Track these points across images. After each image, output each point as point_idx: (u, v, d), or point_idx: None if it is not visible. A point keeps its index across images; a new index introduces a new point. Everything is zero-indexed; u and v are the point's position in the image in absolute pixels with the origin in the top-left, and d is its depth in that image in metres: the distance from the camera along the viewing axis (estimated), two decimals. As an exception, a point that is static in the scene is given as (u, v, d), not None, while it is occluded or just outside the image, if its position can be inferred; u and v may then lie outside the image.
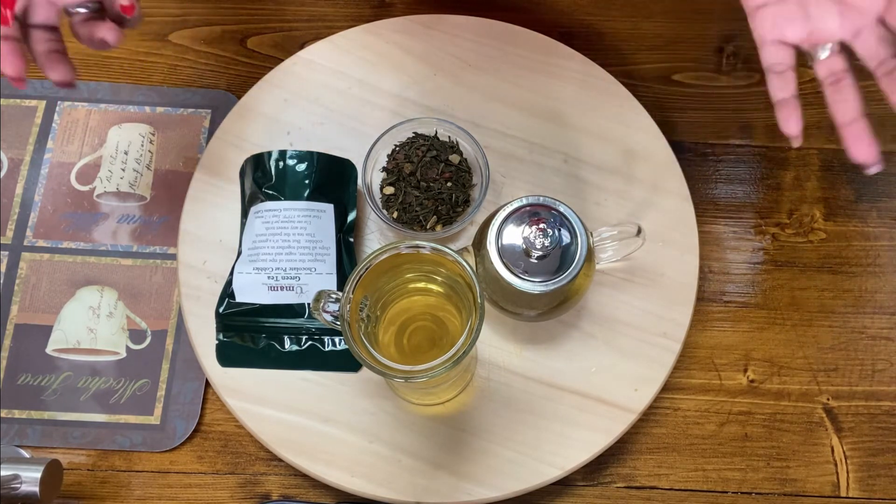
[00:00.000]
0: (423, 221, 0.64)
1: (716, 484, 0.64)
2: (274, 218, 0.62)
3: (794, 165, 0.73)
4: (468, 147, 0.65)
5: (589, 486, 0.64)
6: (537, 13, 0.77)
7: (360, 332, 0.51)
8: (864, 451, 0.65)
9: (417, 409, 0.62)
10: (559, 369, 0.62)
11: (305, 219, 0.62)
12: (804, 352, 0.67)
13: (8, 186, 0.71)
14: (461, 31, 0.72)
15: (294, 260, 0.62)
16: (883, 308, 0.69)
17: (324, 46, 0.71)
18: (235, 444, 0.64)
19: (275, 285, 0.61)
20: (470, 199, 0.66)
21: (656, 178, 0.67)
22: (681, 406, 0.66)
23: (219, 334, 0.63)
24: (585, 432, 0.61)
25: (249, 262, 0.62)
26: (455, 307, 0.55)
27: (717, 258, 0.70)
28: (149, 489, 0.63)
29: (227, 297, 0.62)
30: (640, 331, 0.63)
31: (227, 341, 0.62)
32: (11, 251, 0.69)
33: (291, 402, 0.61)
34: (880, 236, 0.71)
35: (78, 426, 0.64)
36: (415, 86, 0.70)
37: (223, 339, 0.63)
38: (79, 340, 0.66)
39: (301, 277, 0.62)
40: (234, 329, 0.62)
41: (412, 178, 0.64)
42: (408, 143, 0.66)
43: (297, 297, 0.62)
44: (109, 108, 0.73)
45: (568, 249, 0.55)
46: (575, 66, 0.71)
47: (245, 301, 0.62)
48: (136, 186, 0.71)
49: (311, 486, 0.63)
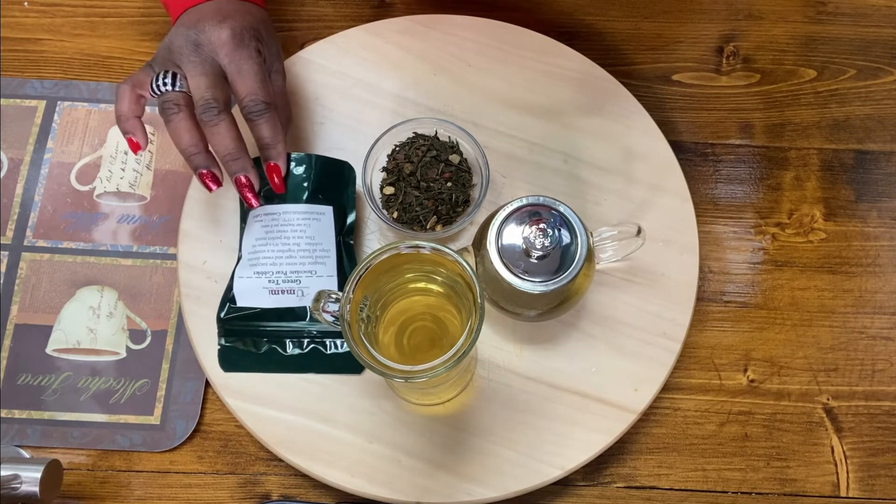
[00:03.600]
0: (423, 221, 0.64)
1: (716, 484, 0.64)
2: (273, 221, 0.62)
3: (794, 165, 0.73)
4: (468, 147, 0.65)
5: (589, 486, 0.64)
6: (537, 13, 0.77)
7: (360, 333, 0.51)
8: (864, 451, 0.65)
9: (417, 409, 0.62)
10: (559, 369, 0.62)
11: (305, 221, 0.62)
12: (804, 352, 0.67)
13: (8, 186, 0.71)
14: (461, 31, 0.72)
15: (294, 263, 0.61)
16: (883, 308, 0.69)
17: (324, 46, 0.71)
18: (235, 444, 0.64)
19: (276, 289, 0.61)
20: (470, 199, 0.66)
21: (656, 178, 0.67)
22: (681, 406, 0.66)
23: (220, 339, 0.62)
24: (585, 432, 0.61)
25: (250, 266, 0.62)
26: (455, 307, 0.55)
27: (717, 258, 0.70)
28: (149, 489, 0.63)
29: (228, 301, 0.62)
30: (640, 331, 0.63)
31: (229, 346, 0.62)
32: (11, 251, 0.69)
33: (291, 402, 0.61)
34: (880, 236, 0.71)
35: (78, 426, 0.64)
36: (415, 86, 0.70)
37: (225, 344, 0.62)
38: (79, 340, 0.66)
39: (302, 280, 0.61)
40: (235, 334, 0.62)
41: (412, 179, 0.64)
42: (408, 143, 0.66)
43: (299, 300, 0.61)
44: (109, 108, 0.73)
45: (568, 249, 0.55)
46: (575, 66, 0.71)
47: (246, 305, 0.62)
48: (136, 186, 0.71)
49: (311, 486, 0.63)
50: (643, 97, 0.70)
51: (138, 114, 0.58)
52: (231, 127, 0.56)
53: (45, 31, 0.76)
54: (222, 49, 0.57)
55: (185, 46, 0.57)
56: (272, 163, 0.59)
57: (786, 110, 0.75)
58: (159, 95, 0.57)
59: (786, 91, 0.75)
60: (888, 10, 0.78)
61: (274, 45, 0.62)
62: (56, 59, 0.75)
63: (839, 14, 0.78)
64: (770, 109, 0.75)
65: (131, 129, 0.58)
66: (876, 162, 0.73)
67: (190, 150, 0.57)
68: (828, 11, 0.78)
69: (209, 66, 0.57)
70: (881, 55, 0.77)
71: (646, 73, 0.76)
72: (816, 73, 0.76)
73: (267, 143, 0.58)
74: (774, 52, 0.77)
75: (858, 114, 0.74)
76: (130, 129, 0.58)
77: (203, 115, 0.56)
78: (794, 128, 0.74)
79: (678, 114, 0.74)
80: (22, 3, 0.77)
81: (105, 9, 0.77)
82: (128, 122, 0.58)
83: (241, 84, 0.57)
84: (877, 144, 0.74)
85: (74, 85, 0.74)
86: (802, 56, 0.77)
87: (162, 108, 0.57)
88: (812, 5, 0.78)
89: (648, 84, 0.75)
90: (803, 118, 0.74)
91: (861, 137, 0.74)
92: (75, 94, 0.73)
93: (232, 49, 0.57)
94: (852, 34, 0.77)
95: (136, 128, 0.58)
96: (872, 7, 0.78)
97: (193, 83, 0.56)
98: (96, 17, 0.77)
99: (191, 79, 0.56)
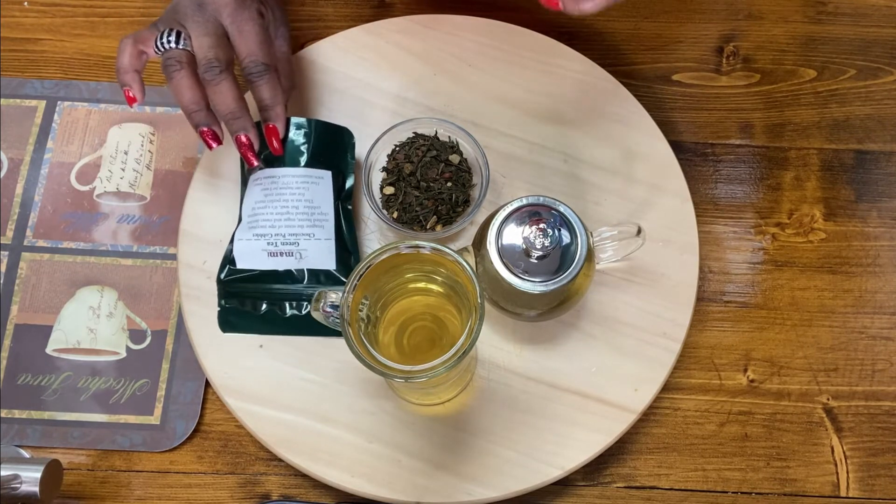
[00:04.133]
0: (423, 221, 0.64)
1: (716, 484, 0.64)
2: (272, 184, 0.63)
3: (794, 165, 0.73)
4: (468, 147, 0.65)
5: (589, 486, 0.64)
6: (537, 13, 0.77)
7: (360, 332, 0.51)
8: (864, 451, 0.65)
9: (417, 409, 0.62)
10: (559, 369, 0.62)
11: (303, 185, 0.63)
12: (804, 352, 0.67)
13: (8, 186, 0.71)
14: (461, 31, 0.72)
15: (293, 226, 0.62)
16: (883, 308, 0.69)
17: (324, 46, 0.71)
18: (235, 444, 0.64)
19: (274, 251, 0.62)
20: (470, 199, 0.66)
21: (656, 178, 0.67)
22: (681, 406, 0.66)
23: (220, 301, 0.63)
24: (585, 432, 0.61)
25: (249, 228, 0.62)
26: (455, 307, 0.55)
27: (717, 258, 0.70)
28: (149, 489, 0.63)
29: (228, 263, 0.63)
30: (640, 331, 0.63)
31: (228, 307, 0.63)
32: (11, 251, 0.69)
33: (291, 402, 0.61)
34: (880, 236, 0.71)
35: (78, 426, 0.64)
36: (415, 86, 0.70)
37: (225, 306, 0.63)
38: (79, 340, 0.66)
39: (300, 243, 0.62)
40: (235, 295, 0.63)
41: (412, 179, 0.64)
42: (408, 143, 0.66)
43: (297, 262, 0.62)
44: (109, 108, 0.73)
45: (568, 249, 0.55)
46: (575, 66, 0.71)
47: (245, 267, 0.62)
48: (136, 186, 0.71)
49: (311, 486, 0.63)
50: (643, 97, 0.70)
51: (138, 68, 0.59)
52: (232, 86, 0.57)
53: (45, 31, 0.76)
54: (225, 10, 0.58)
55: (189, 7, 0.58)
56: (271, 124, 0.60)
57: (786, 110, 0.75)
58: (163, 52, 0.58)
59: (786, 91, 0.75)
60: (888, 10, 0.78)
61: (279, 11, 0.63)
62: (56, 59, 0.75)
63: (839, 14, 0.78)
64: (770, 109, 0.75)
65: (129, 81, 0.59)
66: (876, 162, 0.73)
67: (191, 107, 0.58)
68: (828, 11, 0.78)
69: (212, 27, 0.58)
70: (881, 55, 0.77)
71: (646, 73, 0.76)
72: (816, 73, 0.76)
73: (266, 105, 0.59)
74: (774, 52, 0.77)
75: (858, 114, 0.74)
76: (129, 82, 0.59)
77: (205, 73, 0.57)
78: (794, 128, 0.74)
79: (678, 114, 0.74)
80: (22, 3, 0.77)
81: (105, 9, 0.77)
82: (126, 75, 0.59)
83: (242, 45, 0.58)
84: (877, 144, 0.74)
85: (74, 85, 0.74)
86: (802, 56, 0.77)
87: (165, 65, 0.58)
88: (812, 5, 0.78)
89: (648, 84, 0.75)
90: (803, 118, 0.74)
91: (861, 137, 0.74)
92: (75, 94, 0.73)
93: (234, 10, 0.58)
94: (852, 34, 0.77)
95: (135, 81, 0.59)
96: (872, 7, 0.78)
97: (196, 43, 0.57)
98: (96, 17, 0.77)
99: (194, 38, 0.57)
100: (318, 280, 0.62)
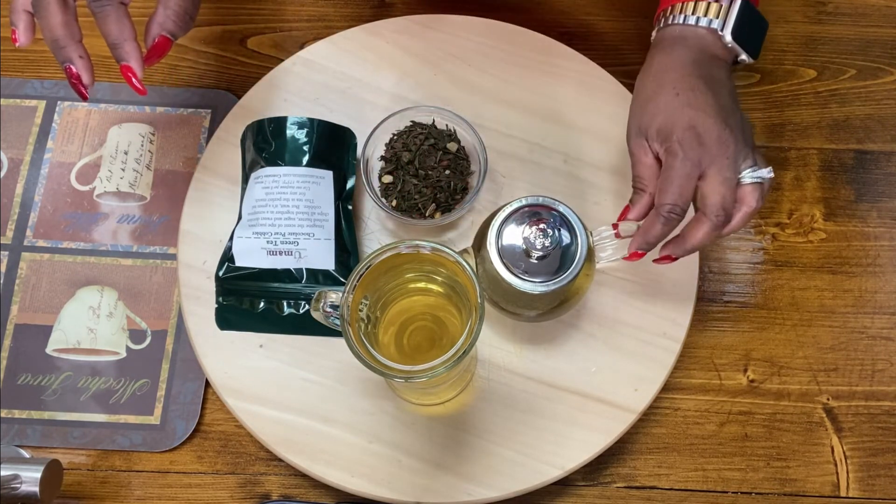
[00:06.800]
0: (421, 209, 0.64)
1: (716, 484, 0.64)
2: (273, 183, 0.63)
3: (794, 165, 0.73)
4: (465, 135, 0.65)
5: (589, 486, 0.64)
6: (537, 13, 0.77)
7: (360, 333, 0.51)
8: (864, 451, 0.65)
9: (417, 409, 0.62)
10: (559, 369, 0.62)
11: (304, 184, 0.63)
12: (804, 352, 0.67)
13: (8, 186, 0.71)
14: (461, 31, 0.72)
15: (293, 225, 0.62)
16: (883, 308, 0.69)
17: (324, 46, 0.71)
18: (235, 444, 0.64)
19: (274, 250, 0.62)
20: (468, 186, 0.66)
21: (656, 178, 0.67)
22: (681, 406, 0.66)
23: (218, 298, 0.63)
24: (585, 432, 0.61)
25: (249, 226, 0.63)
26: (455, 307, 0.55)
27: (717, 258, 0.70)
28: (149, 489, 0.63)
29: (227, 260, 0.63)
30: (640, 331, 0.63)
31: (226, 305, 0.63)
32: (11, 251, 0.69)
33: (291, 402, 0.61)
34: (880, 236, 0.71)
35: (78, 426, 0.64)
36: (415, 86, 0.70)
37: (222, 303, 0.63)
38: (79, 340, 0.66)
39: (300, 242, 0.62)
40: (233, 293, 0.63)
41: (410, 167, 0.65)
42: (406, 132, 0.66)
43: (296, 261, 0.62)
44: (109, 108, 0.73)
45: (568, 249, 0.55)
46: (575, 66, 0.71)
47: (244, 265, 0.62)
48: (136, 186, 0.71)
49: (311, 486, 0.63)
50: (643, 97, 0.70)
51: (28, 8, 0.56)
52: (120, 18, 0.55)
53: (45, 31, 0.76)
54: None
55: None
56: (123, 63, 0.57)
57: (786, 110, 0.75)
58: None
59: (786, 91, 0.75)
60: (888, 10, 0.78)
61: None
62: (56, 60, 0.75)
63: (839, 14, 0.78)
64: (770, 109, 0.75)
65: (16, 21, 0.56)
66: (876, 162, 0.73)
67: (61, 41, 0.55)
68: (828, 11, 0.78)
69: None
70: (881, 55, 0.77)
71: (646, 73, 0.75)
72: (816, 73, 0.76)
73: (112, 42, 0.56)
74: (774, 52, 0.77)
75: (858, 114, 0.74)
76: (16, 21, 0.57)
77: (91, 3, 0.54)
78: (794, 128, 0.74)
79: (678, 114, 0.74)
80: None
81: (105, 9, 0.77)
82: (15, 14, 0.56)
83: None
84: (877, 144, 0.74)
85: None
86: (802, 56, 0.77)
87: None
88: (812, 5, 0.78)
89: (648, 84, 0.75)
90: (803, 118, 0.74)
91: (861, 137, 0.74)
92: (75, 94, 0.73)
93: None
94: (852, 34, 0.77)
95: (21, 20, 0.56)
96: (872, 7, 0.78)
97: None
98: (96, 17, 0.77)
99: None
100: (317, 280, 0.62)
